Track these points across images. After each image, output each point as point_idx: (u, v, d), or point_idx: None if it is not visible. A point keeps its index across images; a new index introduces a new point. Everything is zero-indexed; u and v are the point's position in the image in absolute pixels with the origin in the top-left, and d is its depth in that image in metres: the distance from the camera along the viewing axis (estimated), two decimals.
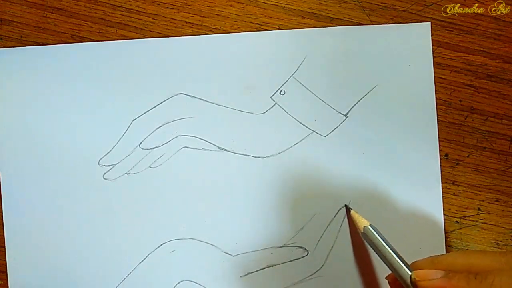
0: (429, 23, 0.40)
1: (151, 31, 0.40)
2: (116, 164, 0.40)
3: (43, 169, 0.40)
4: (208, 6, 0.40)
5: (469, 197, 0.40)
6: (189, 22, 0.40)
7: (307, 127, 0.40)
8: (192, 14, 0.40)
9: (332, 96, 0.40)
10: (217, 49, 0.40)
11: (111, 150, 0.40)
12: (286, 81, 0.40)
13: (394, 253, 0.34)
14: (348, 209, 0.39)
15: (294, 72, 0.40)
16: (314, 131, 0.40)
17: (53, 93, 0.40)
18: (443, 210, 0.40)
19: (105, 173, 0.40)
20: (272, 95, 0.40)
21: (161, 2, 0.40)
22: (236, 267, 0.39)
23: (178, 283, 0.39)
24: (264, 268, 0.39)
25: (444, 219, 0.40)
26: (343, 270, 0.39)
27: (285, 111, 0.40)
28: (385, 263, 0.35)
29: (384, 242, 0.35)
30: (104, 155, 0.40)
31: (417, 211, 0.39)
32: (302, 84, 0.40)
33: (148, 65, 0.40)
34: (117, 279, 0.39)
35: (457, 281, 0.30)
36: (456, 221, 0.40)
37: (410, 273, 0.33)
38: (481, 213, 0.40)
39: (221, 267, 0.39)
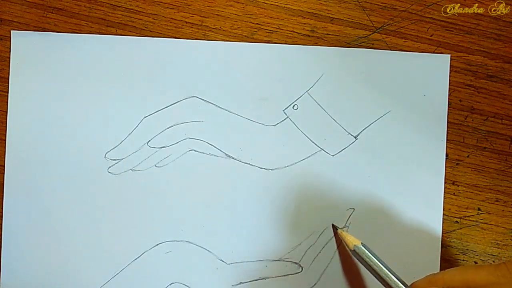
0: (449, 55, 0.40)
1: (151, 31, 0.40)
2: (122, 159, 0.40)
3: (49, 157, 0.40)
4: (208, 6, 0.40)
5: (469, 197, 0.40)
6: (189, 22, 0.40)
7: (316, 145, 0.40)
8: (192, 14, 0.40)
9: (344, 117, 0.40)
10: (236, 56, 0.40)
11: (119, 145, 0.40)
12: (301, 97, 0.40)
13: (390, 272, 0.34)
14: (335, 228, 0.39)
15: (310, 88, 0.40)
16: (323, 149, 0.40)
17: (67, 82, 0.40)
18: (443, 210, 0.40)
19: (110, 167, 0.40)
20: (285, 109, 0.40)
21: (161, 2, 0.40)
22: (229, 275, 0.39)
23: (170, 284, 0.39)
24: (256, 280, 0.39)
25: (444, 219, 0.40)
26: None
27: (296, 126, 0.40)
28: (380, 283, 0.34)
29: (378, 260, 0.35)
30: (111, 149, 0.40)
31: (419, 237, 0.39)
32: (316, 101, 0.40)
33: (166, 65, 0.40)
34: (110, 273, 0.39)
35: None
36: (456, 221, 0.40)
37: None
38: (481, 213, 0.40)
39: (214, 274, 0.39)
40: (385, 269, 0.34)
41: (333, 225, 0.39)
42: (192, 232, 0.40)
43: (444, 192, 0.40)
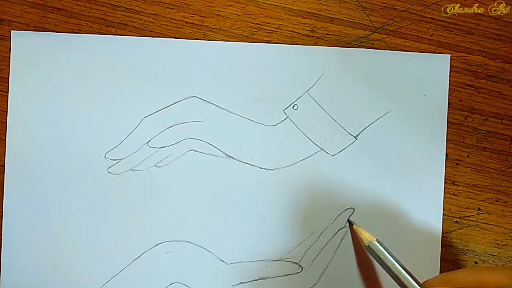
0: (449, 55, 0.40)
1: (151, 31, 0.40)
2: (122, 159, 0.40)
3: (49, 157, 0.40)
4: (208, 6, 0.40)
5: (469, 197, 0.40)
6: (189, 22, 0.40)
7: (316, 144, 0.40)
8: (192, 14, 0.40)
9: (344, 116, 0.40)
10: (236, 56, 0.40)
11: (119, 145, 0.40)
12: (300, 97, 0.40)
13: (404, 269, 0.34)
14: (350, 224, 0.39)
15: (310, 88, 0.40)
16: (323, 149, 0.40)
17: (67, 82, 0.40)
18: (443, 210, 0.40)
19: (110, 167, 0.40)
20: (285, 109, 0.40)
21: (161, 2, 0.40)
22: (229, 275, 0.39)
23: (170, 284, 0.39)
24: (256, 280, 0.39)
25: (444, 219, 0.40)
26: None
27: (296, 126, 0.40)
28: (393, 279, 0.34)
29: (392, 257, 0.35)
30: (111, 149, 0.40)
31: (419, 237, 0.39)
32: (316, 101, 0.40)
33: (166, 65, 0.40)
34: (110, 273, 0.39)
35: None
36: (456, 221, 0.40)
37: None
38: (481, 213, 0.40)
39: (214, 274, 0.39)
40: (398, 266, 0.34)
41: (349, 220, 0.39)
42: (192, 232, 0.40)
43: (444, 192, 0.40)
